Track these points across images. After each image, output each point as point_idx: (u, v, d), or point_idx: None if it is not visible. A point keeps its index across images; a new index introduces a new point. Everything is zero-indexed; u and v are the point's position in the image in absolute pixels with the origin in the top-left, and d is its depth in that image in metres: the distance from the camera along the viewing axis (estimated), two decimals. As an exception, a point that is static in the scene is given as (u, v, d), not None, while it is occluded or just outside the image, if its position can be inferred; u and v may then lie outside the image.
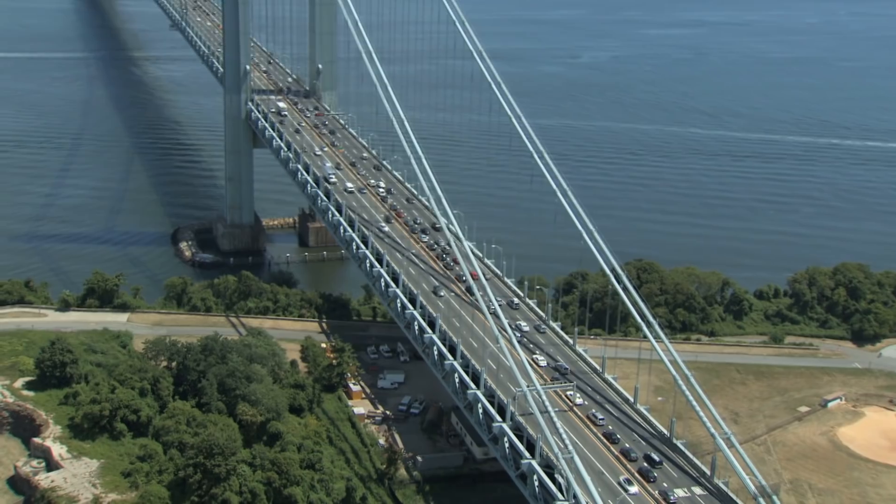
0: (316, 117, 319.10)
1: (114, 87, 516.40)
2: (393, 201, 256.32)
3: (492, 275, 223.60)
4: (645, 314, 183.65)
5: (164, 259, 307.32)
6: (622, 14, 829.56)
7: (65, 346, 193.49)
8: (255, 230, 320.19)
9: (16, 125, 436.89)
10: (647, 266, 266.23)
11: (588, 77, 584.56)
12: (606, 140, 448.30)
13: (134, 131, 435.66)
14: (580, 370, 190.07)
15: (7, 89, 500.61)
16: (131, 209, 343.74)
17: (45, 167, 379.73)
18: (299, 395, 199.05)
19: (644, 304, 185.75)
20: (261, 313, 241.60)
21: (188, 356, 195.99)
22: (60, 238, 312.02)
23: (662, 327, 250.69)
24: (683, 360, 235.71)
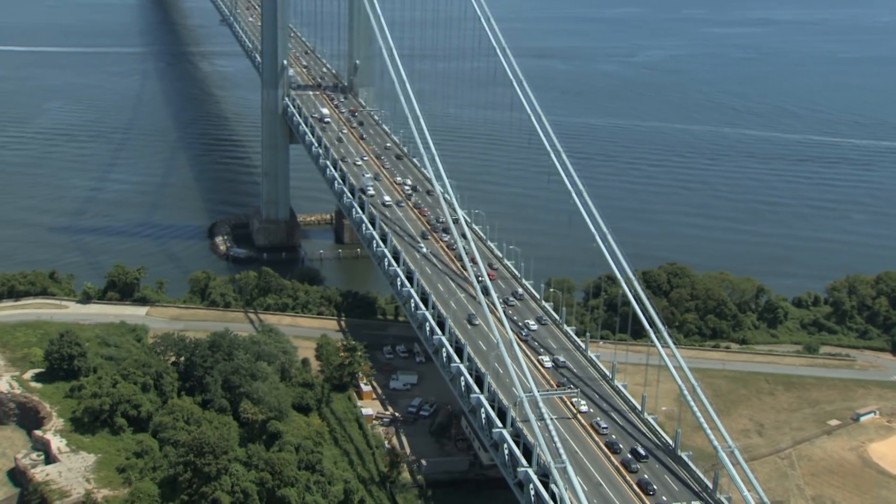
0: (350, 112, 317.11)
1: (166, 81, 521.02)
2: (417, 199, 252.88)
3: (509, 276, 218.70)
4: (654, 320, 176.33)
5: (200, 253, 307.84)
6: (684, 12, 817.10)
7: (73, 339, 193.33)
8: (290, 226, 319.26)
9: (68, 119, 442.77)
10: (679, 270, 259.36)
11: (643, 76, 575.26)
12: (656, 141, 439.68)
13: (181, 126, 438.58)
14: (589, 376, 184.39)
15: (65, 83, 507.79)
16: (172, 203, 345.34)
17: (92, 161, 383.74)
18: (307, 394, 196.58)
19: (654, 310, 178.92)
20: (279, 310, 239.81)
21: (195, 352, 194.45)
22: (100, 231, 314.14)
23: (691, 333, 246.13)
24: (710, 368, 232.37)
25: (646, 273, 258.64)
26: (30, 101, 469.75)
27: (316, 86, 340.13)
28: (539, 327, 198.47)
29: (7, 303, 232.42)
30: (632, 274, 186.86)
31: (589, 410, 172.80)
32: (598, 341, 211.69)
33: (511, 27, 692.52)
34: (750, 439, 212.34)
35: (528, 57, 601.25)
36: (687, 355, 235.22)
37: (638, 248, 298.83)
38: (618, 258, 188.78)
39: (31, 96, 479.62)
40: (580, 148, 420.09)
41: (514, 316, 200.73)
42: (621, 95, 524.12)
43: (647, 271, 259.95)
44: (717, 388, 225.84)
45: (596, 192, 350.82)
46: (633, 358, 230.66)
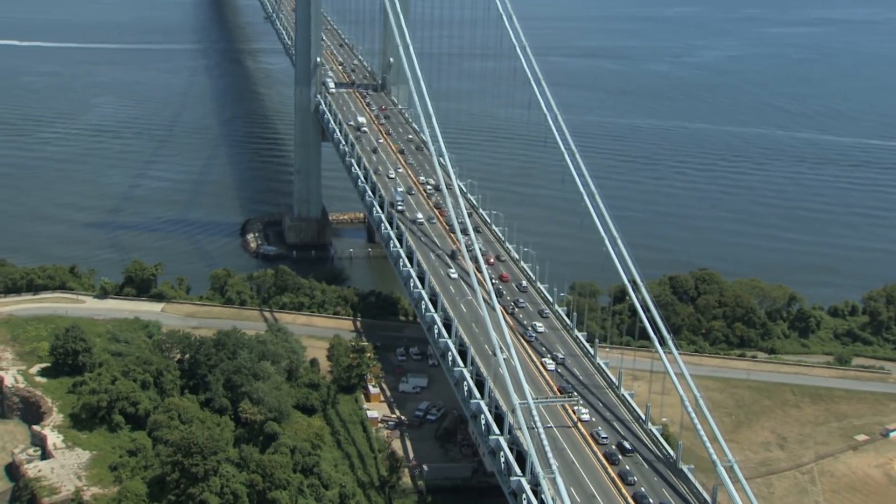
0: (380, 111, 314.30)
1: (212, 78, 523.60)
2: (438, 199, 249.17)
3: (524, 278, 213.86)
4: (660, 327, 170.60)
5: (231, 251, 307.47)
6: (742, 11, 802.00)
7: (78, 335, 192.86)
8: (322, 224, 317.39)
9: (115, 114, 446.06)
10: (707, 276, 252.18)
11: (695, 77, 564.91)
12: (703, 144, 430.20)
13: (223, 123, 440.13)
14: (595, 383, 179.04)
15: (115, 79, 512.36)
16: (208, 200, 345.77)
17: (134, 157, 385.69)
18: (312, 396, 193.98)
19: (660, 318, 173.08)
20: (295, 309, 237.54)
21: (200, 350, 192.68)
22: (134, 227, 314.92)
23: (718, 341, 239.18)
24: (734, 377, 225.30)
25: (673, 279, 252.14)
26: (80, 97, 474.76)
27: (350, 84, 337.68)
28: (548, 331, 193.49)
29: (26, 296, 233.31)
30: (640, 280, 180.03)
31: (591, 419, 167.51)
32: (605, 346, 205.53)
33: (563, 26, 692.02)
34: (770, 452, 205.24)
35: (576, 56, 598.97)
36: (711, 364, 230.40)
37: (671, 254, 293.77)
38: (628, 264, 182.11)
39: (82, 92, 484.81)
40: (623, 150, 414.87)
41: (522, 318, 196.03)
42: (671, 96, 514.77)
43: (675, 276, 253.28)
44: (740, 399, 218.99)
45: (633, 196, 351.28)
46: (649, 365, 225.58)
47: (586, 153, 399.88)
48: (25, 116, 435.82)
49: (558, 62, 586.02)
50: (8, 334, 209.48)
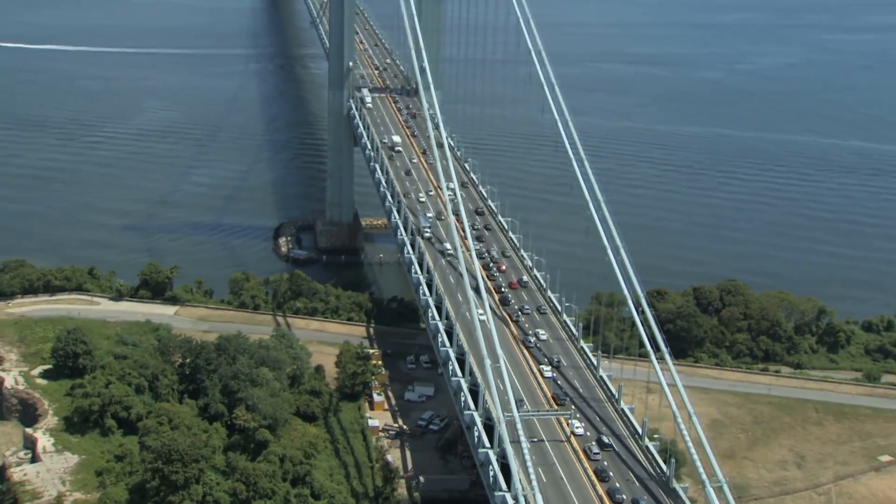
0: (408, 114, 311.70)
1: (261, 83, 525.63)
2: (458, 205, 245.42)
3: (535, 287, 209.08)
4: (656, 338, 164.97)
5: (261, 254, 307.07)
6: (803, 18, 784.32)
7: (79, 337, 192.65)
8: (353, 228, 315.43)
9: (163, 118, 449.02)
10: (733, 288, 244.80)
11: (748, 84, 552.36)
12: (749, 152, 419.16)
13: (266, 127, 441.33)
14: (594, 396, 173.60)
15: (167, 84, 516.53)
16: (245, 203, 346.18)
17: (177, 160, 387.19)
18: (313, 403, 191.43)
19: (658, 330, 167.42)
20: (308, 314, 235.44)
21: (200, 355, 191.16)
22: (168, 230, 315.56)
23: (741, 355, 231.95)
24: (754, 392, 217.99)
25: (697, 290, 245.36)
26: (130, 101, 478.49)
27: (383, 88, 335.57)
28: (553, 341, 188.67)
29: (42, 297, 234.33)
30: (640, 291, 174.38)
31: (585, 433, 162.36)
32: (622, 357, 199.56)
33: (615, 33, 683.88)
34: (786, 472, 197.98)
35: (626, 63, 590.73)
36: (731, 378, 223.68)
37: (701, 266, 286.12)
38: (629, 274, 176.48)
39: (133, 96, 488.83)
40: (666, 158, 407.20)
41: (526, 325, 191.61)
42: (721, 104, 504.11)
43: (699, 287, 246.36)
44: (759, 415, 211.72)
45: (669, 206, 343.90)
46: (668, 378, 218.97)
47: (627, 160, 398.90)
48: (75, 120, 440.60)
49: (606, 69, 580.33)
50: (16, 335, 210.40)
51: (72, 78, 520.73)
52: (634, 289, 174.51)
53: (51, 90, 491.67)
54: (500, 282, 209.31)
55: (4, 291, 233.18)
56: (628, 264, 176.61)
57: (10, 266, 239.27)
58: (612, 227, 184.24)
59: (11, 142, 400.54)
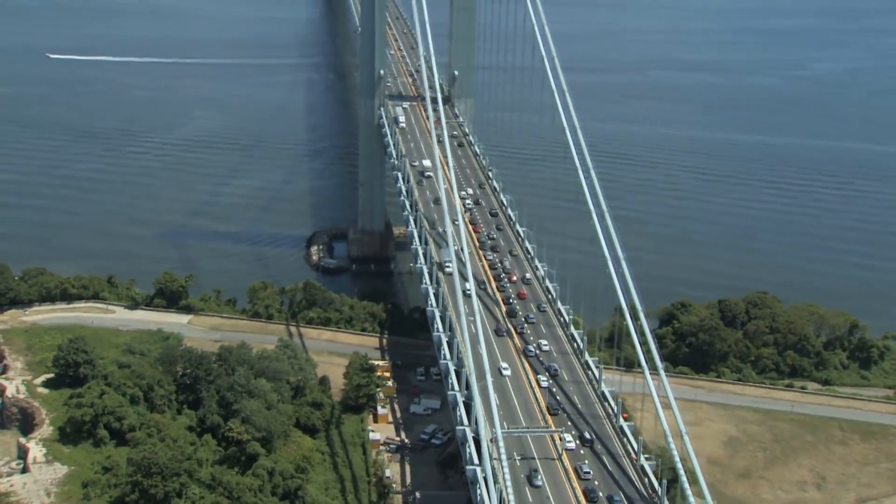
0: (435, 124, 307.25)
1: (309, 91, 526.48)
2: (476, 213, 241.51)
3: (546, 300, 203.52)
4: (652, 350, 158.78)
5: (292, 262, 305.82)
6: (866, 22, 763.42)
7: (80, 346, 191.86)
8: (385, 237, 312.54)
9: (210, 127, 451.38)
10: (759, 300, 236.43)
11: (805, 90, 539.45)
12: (800, 161, 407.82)
13: (310, 135, 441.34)
14: (594, 413, 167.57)
15: (218, 93, 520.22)
16: (282, 211, 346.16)
17: (220, 168, 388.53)
18: (314, 415, 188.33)
19: (654, 342, 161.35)
20: (322, 324, 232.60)
21: (200, 365, 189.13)
22: (204, 237, 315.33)
23: (767, 370, 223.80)
24: (776, 409, 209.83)
25: (722, 302, 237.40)
26: (180, 110, 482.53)
27: (415, 96, 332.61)
28: (557, 354, 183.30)
29: (59, 305, 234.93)
30: (639, 305, 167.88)
31: (580, 451, 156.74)
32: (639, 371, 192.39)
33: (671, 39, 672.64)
34: (805, 493, 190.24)
35: (680, 70, 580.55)
36: (754, 394, 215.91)
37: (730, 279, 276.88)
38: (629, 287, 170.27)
39: (183, 105, 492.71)
40: (713, 167, 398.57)
41: (530, 335, 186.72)
42: (773, 111, 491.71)
43: (724, 300, 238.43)
44: (779, 433, 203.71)
45: (709, 217, 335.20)
46: (689, 393, 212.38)
47: (669, 170, 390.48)
48: (123, 130, 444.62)
49: (658, 76, 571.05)
50: (24, 343, 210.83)
51: (125, 88, 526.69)
52: (633, 301, 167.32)
53: (103, 101, 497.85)
54: (509, 292, 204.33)
55: (22, 299, 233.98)
56: (628, 276, 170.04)
57: (30, 274, 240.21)
58: (614, 238, 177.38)
59: (59, 151, 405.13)
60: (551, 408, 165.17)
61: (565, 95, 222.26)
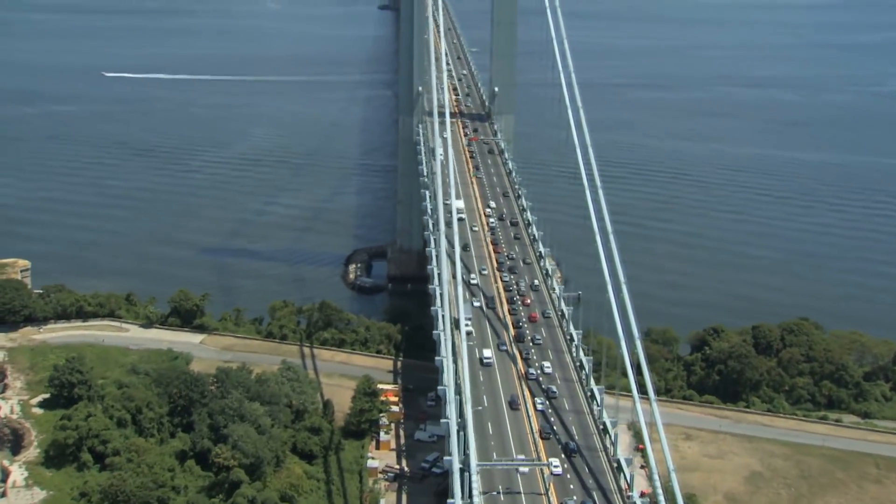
0: (471, 140, 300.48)
1: (367, 108, 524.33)
2: (498, 234, 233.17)
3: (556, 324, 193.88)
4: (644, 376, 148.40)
5: (328, 281, 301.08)
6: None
7: (75, 367, 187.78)
8: (422, 256, 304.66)
9: (263, 144, 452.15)
10: (796, 327, 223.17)
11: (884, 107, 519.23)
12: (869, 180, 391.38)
13: (362, 151, 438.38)
14: (590, 445, 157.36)
15: (277, 110, 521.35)
16: (325, 228, 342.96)
17: (269, 185, 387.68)
18: (311, 440, 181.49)
19: (647, 368, 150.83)
20: (336, 345, 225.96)
21: (194, 387, 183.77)
22: (242, 255, 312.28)
23: (802, 401, 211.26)
24: (806, 443, 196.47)
25: (756, 328, 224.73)
26: (237, 127, 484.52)
27: (455, 113, 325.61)
28: (562, 382, 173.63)
29: (75, 323, 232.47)
30: (636, 330, 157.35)
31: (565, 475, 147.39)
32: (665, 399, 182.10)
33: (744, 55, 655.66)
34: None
35: (749, 86, 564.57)
36: (784, 426, 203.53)
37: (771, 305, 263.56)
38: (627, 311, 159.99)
39: (241, 123, 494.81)
40: (775, 186, 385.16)
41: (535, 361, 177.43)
42: (845, 128, 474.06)
43: (758, 326, 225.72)
44: (807, 469, 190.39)
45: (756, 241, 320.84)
46: (713, 424, 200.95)
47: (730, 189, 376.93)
48: (181, 146, 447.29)
49: (728, 93, 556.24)
50: (28, 362, 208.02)
51: (187, 106, 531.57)
52: (630, 327, 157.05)
53: (164, 118, 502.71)
54: (520, 316, 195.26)
55: (38, 317, 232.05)
56: (627, 300, 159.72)
57: (49, 290, 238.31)
58: (616, 259, 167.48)
59: (115, 168, 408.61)
60: (543, 431, 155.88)
61: (579, 112, 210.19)
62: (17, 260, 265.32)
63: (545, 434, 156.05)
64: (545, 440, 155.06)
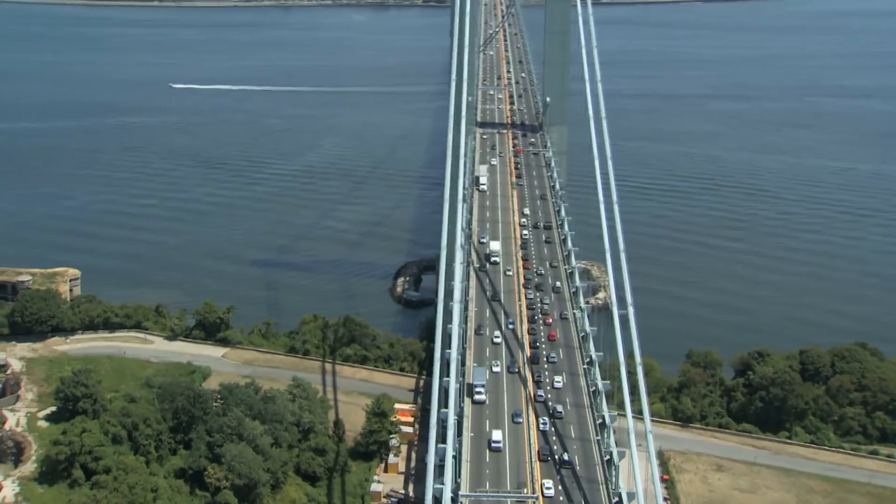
0: (516, 152, 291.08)
1: (439, 119, 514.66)
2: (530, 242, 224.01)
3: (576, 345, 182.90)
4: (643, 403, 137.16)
5: (376, 294, 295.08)
6: None
7: (81, 380, 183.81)
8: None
9: (331, 155, 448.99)
10: (848, 353, 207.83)
11: None
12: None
13: (428, 162, 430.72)
14: (591, 477, 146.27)
15: (349, 121, 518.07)
16: (379, 240, 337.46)
17: (330, 196, 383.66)
18: (314, 461, 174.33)
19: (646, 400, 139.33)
20: (359, 362, 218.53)
21: (196, 404, 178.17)
22: (294, 267, 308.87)
23: (852, 432, 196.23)
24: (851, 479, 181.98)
25: (804, 353, 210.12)
26: (308, 138, 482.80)
27: (505, 124, 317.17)
28: (571, 408, 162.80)
29: (101, 333, 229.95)
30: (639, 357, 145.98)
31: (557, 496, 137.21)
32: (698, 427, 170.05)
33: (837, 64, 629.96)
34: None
35: (839, 96, 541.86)
36: (829, 460, 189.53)
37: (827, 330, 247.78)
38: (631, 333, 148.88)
39: (314, 134, 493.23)
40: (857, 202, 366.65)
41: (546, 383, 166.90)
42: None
43: (807, 350, 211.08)
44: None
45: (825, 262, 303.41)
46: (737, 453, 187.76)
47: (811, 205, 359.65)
48: (249, 158, 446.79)
49: (819, 103, 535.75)
50: (44, 373, 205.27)
51: (263, 117, 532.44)
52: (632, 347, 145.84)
53: (240, 129, 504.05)
54: (539, 335, 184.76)
55: (65, 327, 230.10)
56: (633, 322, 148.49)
57: (78, 301, 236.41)
58: (625, 279, 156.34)
59: (182, 180, 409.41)
60: (542, 453, 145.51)
61: (602, 122, 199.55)
62: (67, 269, 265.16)
63: (543, 457, 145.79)
64: (543, 462, 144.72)
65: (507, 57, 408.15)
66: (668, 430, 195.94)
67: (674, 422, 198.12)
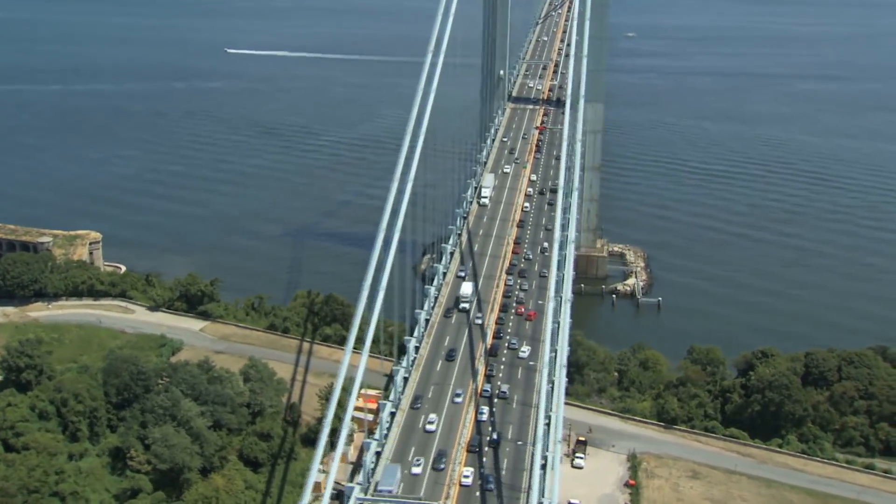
0: (539, 129, 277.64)
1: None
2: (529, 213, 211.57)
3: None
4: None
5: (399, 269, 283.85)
6: None
7: (26, 350, 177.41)
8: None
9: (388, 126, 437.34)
10: (856, 358, 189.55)
11: None
12: None
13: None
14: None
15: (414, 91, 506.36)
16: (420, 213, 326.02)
17: (374, 168, 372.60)
18: (257, 447, 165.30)
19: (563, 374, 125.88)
20: (338, 342, 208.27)
21: (139, 381, 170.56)
22: (316, 238, 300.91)
23: (853, 443, 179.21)
24: (840, 495, 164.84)
25: (809, 355, 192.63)
26: (369, 108, 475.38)
27: (536, 100, 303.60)
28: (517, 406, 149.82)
29: (85, 301, 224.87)
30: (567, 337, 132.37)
31: None
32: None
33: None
34: None
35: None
36: (819, 472, 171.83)
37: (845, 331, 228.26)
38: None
39: (375, 104, 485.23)
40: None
41: None
42: None
43: (812, 352, 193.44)
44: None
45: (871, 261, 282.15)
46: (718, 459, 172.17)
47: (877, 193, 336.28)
48: (307, 126, 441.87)
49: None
50: (4, 340, 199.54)
51: (328, 85, 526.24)
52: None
53: (302, 97, 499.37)
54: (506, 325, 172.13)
55: (48, 293, 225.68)
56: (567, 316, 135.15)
57: (67, 266, 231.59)
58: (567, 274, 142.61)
59: (237, 145, 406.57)
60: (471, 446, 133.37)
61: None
62: (89, 232, 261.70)
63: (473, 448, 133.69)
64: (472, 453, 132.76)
65: (566, 28, 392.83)
66: (649, 432, 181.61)
67: (657, 423, 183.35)
